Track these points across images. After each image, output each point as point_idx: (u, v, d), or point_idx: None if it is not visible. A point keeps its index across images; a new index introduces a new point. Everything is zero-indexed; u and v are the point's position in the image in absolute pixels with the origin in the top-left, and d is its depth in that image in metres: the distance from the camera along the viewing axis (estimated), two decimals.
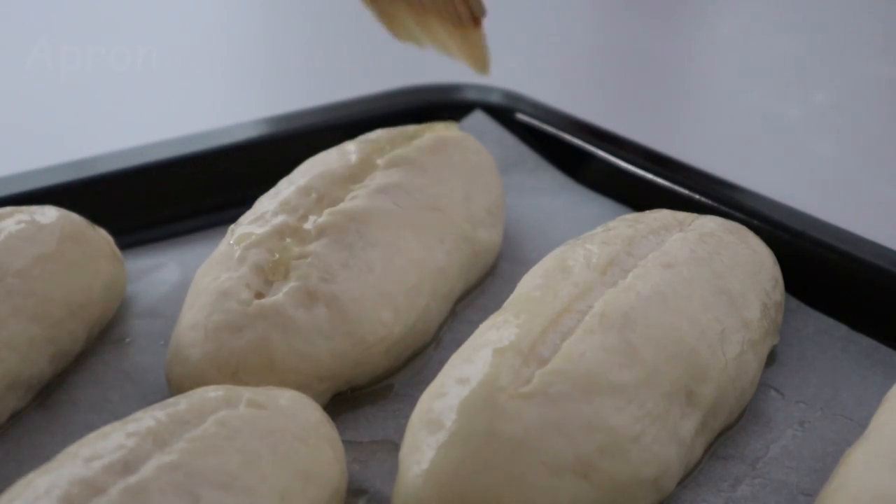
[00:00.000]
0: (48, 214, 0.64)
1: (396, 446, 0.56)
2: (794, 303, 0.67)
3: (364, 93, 0.86)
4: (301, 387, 0.57)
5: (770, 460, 0.57)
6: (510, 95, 0.85)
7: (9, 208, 0.64)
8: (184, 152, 0.78)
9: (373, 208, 0.64)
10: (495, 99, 0.84)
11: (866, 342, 0.64)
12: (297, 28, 1.29)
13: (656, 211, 0.66)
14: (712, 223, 0.65)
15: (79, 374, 0.62)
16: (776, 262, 0.66)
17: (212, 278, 0.61)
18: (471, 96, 0.86)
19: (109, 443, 0.47)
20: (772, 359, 0.63)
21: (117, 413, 0.58)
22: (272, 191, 0.67)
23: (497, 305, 0.61)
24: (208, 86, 1.14)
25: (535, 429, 0.50)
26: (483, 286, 0.70)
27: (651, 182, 0.76)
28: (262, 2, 1.45)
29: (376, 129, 0.74)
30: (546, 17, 1.31)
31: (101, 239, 0.66)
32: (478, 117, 0.84)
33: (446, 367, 0.55)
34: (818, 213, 0.70)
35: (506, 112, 0.85)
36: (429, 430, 0.51)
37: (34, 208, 0.65)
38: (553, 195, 0.79)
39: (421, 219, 0.65)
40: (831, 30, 1.27)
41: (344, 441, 0.55)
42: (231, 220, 0.66)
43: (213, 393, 0.51)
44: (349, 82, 0.86)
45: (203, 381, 0.57)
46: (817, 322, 0.66)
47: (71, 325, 0.61)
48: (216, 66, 1.19)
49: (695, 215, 0.66)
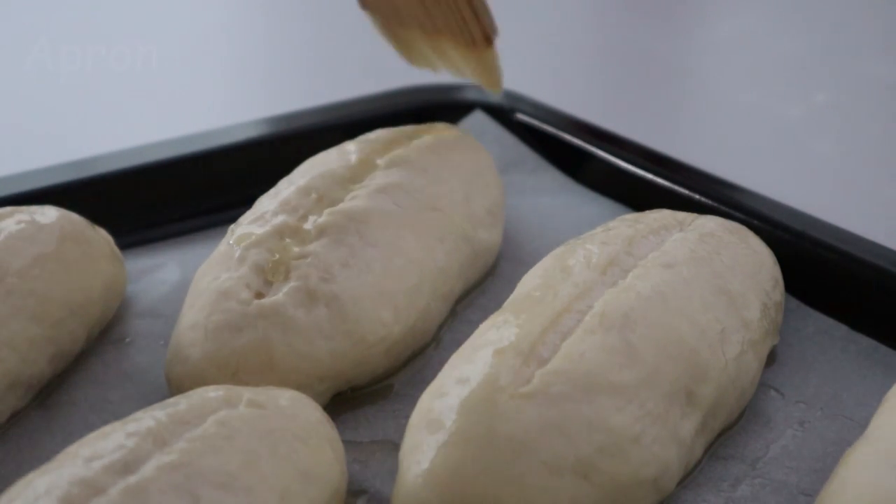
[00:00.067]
0: (48, 214, 0.64)
1: (396, 446, 0.56)
2: (794, 303, 0.67)
3: (364, 93, 0.86)
4: (301, 387, 0.57)
5: (770, 460, 0.57)
6: (510, 95, 0.85)
7: (9, 208, 0.64)
8: (184, 152, 0.78)
9: (373, 208, 0.64)
10: (495, 99, 0.84)
11: (866, 342, 0.64)
12: (297, 28, 1.29)
13: (656, 211, 0.66)
14: (712, 223, 0.65)
15: (79, 374, 0.62)
16: (776, 262, 0.66)
17: (212, 278, 0.61)
18: (471, 96, 0.86)
19: (109, 443, 0.47)
20: (772, 359, 0.63)
21: (117, 413, 0.58)
22: (272, 191, 0.67)
23: (497, 305, 0.61)
24: (208, 86, 1.14)
25: (535, 429, 0.50)
26: (483, 286, 0.70)
27: (651, 182, 0.76)
28: (262, 2, 1.45)
29: (376, 129, 0.74)
30: (546, 17, 1.31)
31: (101, 239, 0.66)
32: (477, 117, 0.84)
33: (446, 367, 0.55)
34: (818, 213, 0.70)
35: (505, 112, 0.85)
36: (429, 430, 0.51)
37: (34, 208, 0.65)
38: (553, 195, 0.79)
39: (421, 219, 0.65)
40: (831, 30, 1.27)
41: (344, 441, 0.55)
42: (231, 220, 0.66)
43: (213, 393, 0.51)
44: (349, 82, 0.86)
45: (203, 381, 0.57)
46: (817, 322, 0.66)
47: (71, 325, 0.61)
48: (216, 66, 1.19)
49: (695, 215, 0.66)
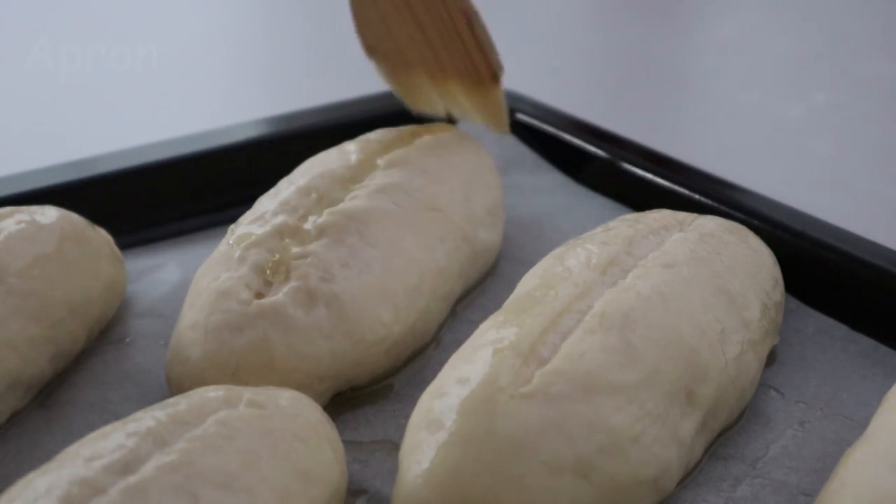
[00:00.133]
0: (48, 214, 0.64)
1: (396, 446, 0.56)
2: (794, 303, 0.67)
3: (364, 93, 0.86)
4: (301, 387, 0.57)
5: (770, 460, 0.57)
6: (510, 95, 0.85)
7: (9, 208, 0.64)
8: (184, 152, 0.78)
9: (373, 208, 0.64)
10: None
11: (866, 342, 0.64)
12: (297, 28, 1.29)
13: (656, 211, 0.66)
14: (712, 223, 0.65)
15: (79, 374, 0.62)
16: (776, 262, 0.66)
17: (212, 278, 0.61)
18: None
19: (109, 443, 0.47)
20: (772, 359, 0.63)
21: (117, 413, 0.58)
22: (272, 191, 0.67)
23: (497, 305, 0.61)
24: (208, 86, 1.14)
25: (535, 429, 0.50)
26: (483, 286, 0.70)
27: (651, 182, 0.76)
28: (262, 2, 1.45)
29: (376, 129, 0.74)
30: (546, 17, 1.31)
31: (101, 239, 0.66)
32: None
33: (446, 367, 0.55)
34: (818, 213, 0.70)
35: None
36: (429, 430, 0.51)
37: (34, 208, 0.65)
38: (553, 195, 0.79)
39: (421, 219, 0.65)
40: (831, 30, 1.27)
41: (344, 441, 0.55)
42: (231, 220, 0.66)
43: (213, 393, 0.51)
44: (349, 82, 0.86)
45: (203, 381, 0.56)
46: (817, 322, 0.66)
47: (71, 325, 0.61)
48: (216, 66, 1.19)
49: (695, 215, 0.66)
